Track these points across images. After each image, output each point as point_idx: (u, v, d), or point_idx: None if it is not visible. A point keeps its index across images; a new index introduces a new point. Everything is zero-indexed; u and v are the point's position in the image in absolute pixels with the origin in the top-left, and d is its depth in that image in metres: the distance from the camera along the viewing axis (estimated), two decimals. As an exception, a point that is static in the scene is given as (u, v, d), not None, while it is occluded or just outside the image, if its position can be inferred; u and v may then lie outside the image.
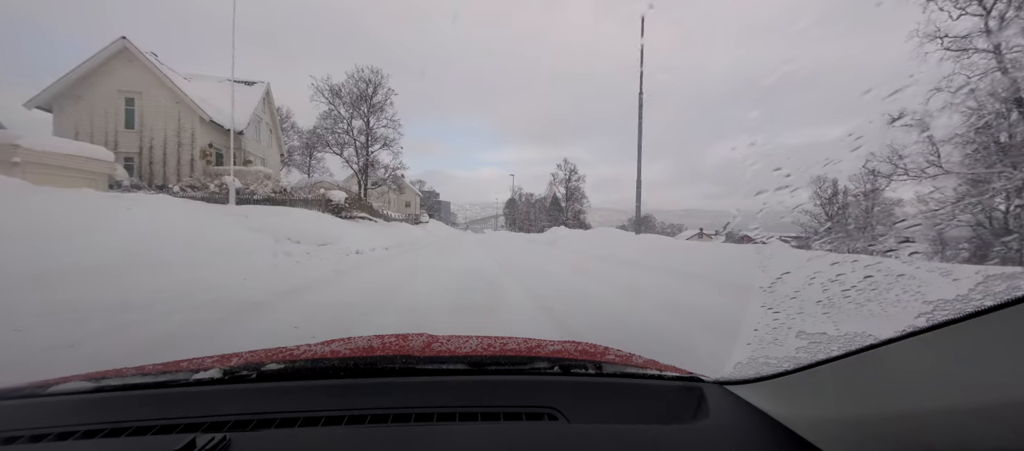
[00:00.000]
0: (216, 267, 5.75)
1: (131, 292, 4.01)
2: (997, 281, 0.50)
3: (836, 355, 0.67)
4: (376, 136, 26.78)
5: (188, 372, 0.97)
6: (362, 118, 26.31)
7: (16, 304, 3.29)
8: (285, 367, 0.99)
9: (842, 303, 0.89)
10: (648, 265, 8.20)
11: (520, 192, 68.35)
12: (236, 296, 4.47)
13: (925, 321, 0.53)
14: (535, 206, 65.25)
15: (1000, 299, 0.46)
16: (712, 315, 3.88)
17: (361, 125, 26.25)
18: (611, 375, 1.04)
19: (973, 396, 0.48)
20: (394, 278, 6.49)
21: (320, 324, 3.50)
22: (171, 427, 0.78)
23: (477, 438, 0.77)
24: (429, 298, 4.87)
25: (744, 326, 1.39)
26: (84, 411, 0.86)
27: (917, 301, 0.58)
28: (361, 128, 26.27)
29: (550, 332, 3.41)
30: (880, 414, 0.58)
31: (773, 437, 0.77)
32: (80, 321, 3.14)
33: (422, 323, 3.67)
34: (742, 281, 4.61)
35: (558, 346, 1.21)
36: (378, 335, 1.30)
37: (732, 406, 0.88)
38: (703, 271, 6.50)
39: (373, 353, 1.10)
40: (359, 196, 24.71)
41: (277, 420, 0.81)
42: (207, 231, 7.49)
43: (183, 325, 3.32)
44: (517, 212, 67.43)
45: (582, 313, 4.22)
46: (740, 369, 0.95)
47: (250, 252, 7.19)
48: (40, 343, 2.69)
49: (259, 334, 3.26)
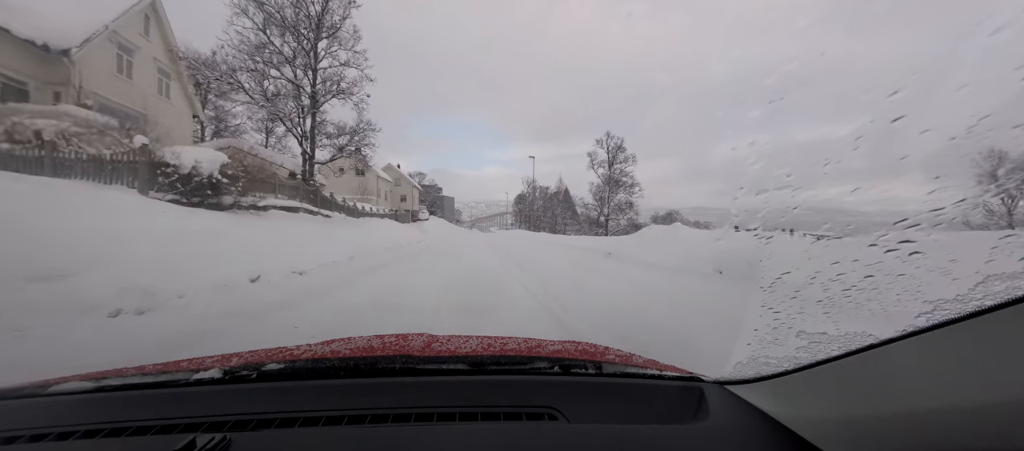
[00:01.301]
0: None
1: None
2: (997, 281, 0.49)
3: (836, 355, 0.67)
4: (329, 81, 16.65)
5: (188, 372, 0.97)
6: (304, 46, 15.89)
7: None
8: (285, 367, 0.99)
9: (842, 303, 0.89)
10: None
11: (534, 185, 52.54)
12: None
13: (925, 321, 0.53)
14: (552, 201, 51.48)
15: (1000, 299, 0.46)
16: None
17: (302, 62, 15.94)
18: (611, 375, 1.04)
19: (973, 396, 0.48)
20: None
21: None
22: (171, 427, 0.78)
23: (477, 438, 0.77)
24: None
25: (744, 326, 1.39)
26: (84, 411, 0.86)
27: (917, 301, 0.57)
28: (305, 64, 16.03)
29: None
30: (880, 414, 0.58)
31: (773, 437, 0.77)
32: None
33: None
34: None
35: (558, 346, 1.21)
36: (378, 335, 1.30)
37: (732, 406, 0.88)
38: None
39: (373, 353, 1.10)
40: (298, 174, 17.20)
41: (277, 420, 0.81)
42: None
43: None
44: (532, 208, 51.99)
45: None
46: (740, 369, 0.95)
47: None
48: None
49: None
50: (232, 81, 15.10)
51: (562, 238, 25.04)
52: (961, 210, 0.61)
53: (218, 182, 8.38)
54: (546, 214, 50.52)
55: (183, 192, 7.99)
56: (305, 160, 17.66)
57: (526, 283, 6.33)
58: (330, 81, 17.07)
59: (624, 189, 41.23)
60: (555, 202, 50.95)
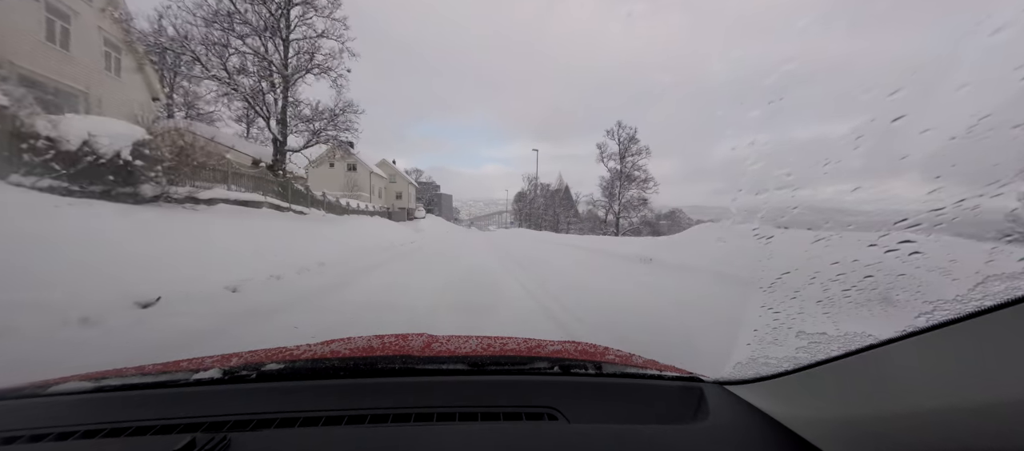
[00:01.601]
0: None
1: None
2: (996, 281, 0.49)
3: (836, 355, 0.67)
4: (302, 53, 14.30)
5: (188, 372, 0.97)
6: (272, 10, 13.62)
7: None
8: (285, 367, 0.99)
9: (842, 303, 0.89)
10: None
11: (536, 182, 48.50)
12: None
13: (925, 321, 0.53)
14: (553, 198, 48.38)
15: (999, 299, 0.46)
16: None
17: (270, 28, 13.47)
18: (611, 375, 1.04)
19: (973, 396, 0.48)
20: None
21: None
22: (171, 427, 0.78)
23: (477, 438, 0.77)
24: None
25: (744, 326, 1.39)
26: (84, 411, 0.86)
27: (917, 301, 0.57)
28: (273, 29, 13.51)
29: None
30: (879, 414, 0.58)
31: (773, 437, 0.77)
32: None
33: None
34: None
35: (558, 346, 1.21)
36: (378, 335, 1.30)
37: (732, 406, 0.88)
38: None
39: (373, 353, 1.10)
40: (266, 164, 15.09)
41: (277, 420, 0.81)
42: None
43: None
44: (532, 207, 48.79)
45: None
46: (740, 369, 0.95)
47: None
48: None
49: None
50: (184, 50, 12.68)
51: (571, 238, 21.06)
52: (961, 210, 0.61)
53: (130, 165, 6.30)
54: (548, 212, 47.39)
55: (67, 176, 5.83)
56: (277, 148, 15.19)
57: (543, 301, 4.70)
58: (304, 53, 14.62)
59: (636, 184, 37.22)
60: (556, 200, 48.26)
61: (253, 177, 12.14)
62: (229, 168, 10.96)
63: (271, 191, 12.54)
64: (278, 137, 15.01)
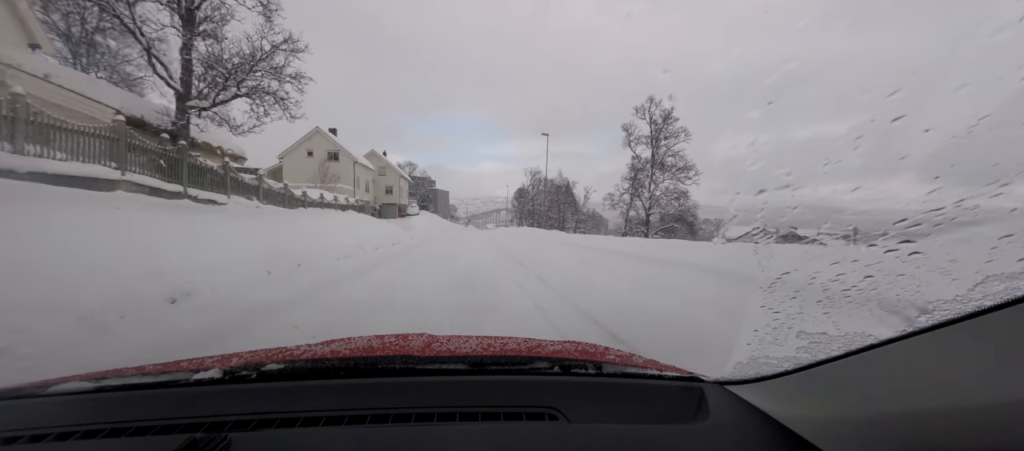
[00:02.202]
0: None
1: None
2: (996, 281, 0.49)
3: (836, 355, 0.67)
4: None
5: (188, 372, 0.97)
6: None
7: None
8: (285, 367, 0.99)
9: (842, 303, 0.89)
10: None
11: (544, 176, 41.29)
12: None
13: (925, 321, 0.53)
14: (559, 195, 43.52)
15: (999, 299, 0.46)
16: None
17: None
18: (611, 375, 1.04)
19: (973, 396, 0.48)
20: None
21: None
22: (171, 427, 0.78)
23: (477, 438, 0.77)
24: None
25: (744, 326, 1.39)
26: (84, 411, 0.86)
27: (917, 301, 0.57)
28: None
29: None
30: (880, 414, 0.58)
31: (773, 437, 0.77)
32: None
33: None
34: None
35: (558, 346, 1.21)
36: (378, 335, 1.30)
37: (732, 406, 0.88)
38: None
39: (373, 353, 1.10)
40: (119, 115, 8.29)
41: (277, 420, 0.81)
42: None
43: None
44: (535, 203, 43.88)
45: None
46: (740, 369, 0.95)
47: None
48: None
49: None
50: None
51: (595, 240, 14.53)
52: (961, 210, 0.61)
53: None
54: (553, 209, 41.77)
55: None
56: (178, 103, 10.96)
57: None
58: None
59: (671, 173, 29.08)
60: (561, 196, 44.02)
61: (105, 138, 7.95)
62: (30, 115, 6.39)
63: (146, 164, 8.77)
64: (176, 86, 10.26)
